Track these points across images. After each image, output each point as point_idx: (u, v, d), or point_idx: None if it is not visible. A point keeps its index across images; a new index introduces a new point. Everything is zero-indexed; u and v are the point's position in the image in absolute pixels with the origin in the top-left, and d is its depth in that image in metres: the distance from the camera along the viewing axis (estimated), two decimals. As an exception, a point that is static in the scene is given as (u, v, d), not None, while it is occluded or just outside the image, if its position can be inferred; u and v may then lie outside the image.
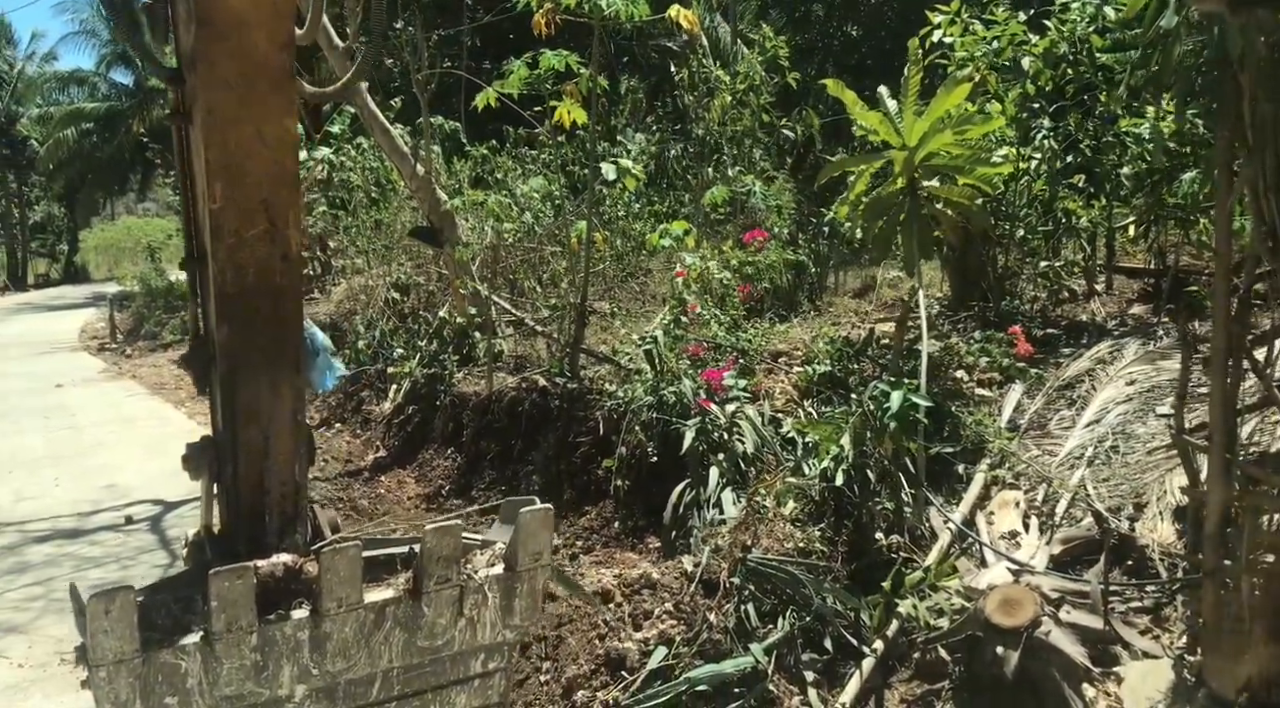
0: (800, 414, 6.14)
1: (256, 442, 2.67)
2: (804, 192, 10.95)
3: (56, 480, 9.98)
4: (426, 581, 2.54)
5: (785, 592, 4.22)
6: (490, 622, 2.67)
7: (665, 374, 6.82)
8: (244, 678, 2.36)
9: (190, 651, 2.30)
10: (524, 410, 8.46)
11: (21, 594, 6.78)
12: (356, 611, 2.47)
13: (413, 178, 9.89)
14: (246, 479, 2.68)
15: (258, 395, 2.65)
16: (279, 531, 2.71)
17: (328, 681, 2.48)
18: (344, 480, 9.25)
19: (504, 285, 10.69)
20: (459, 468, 8.81)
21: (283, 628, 2.40)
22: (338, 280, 15.68)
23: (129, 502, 8.98)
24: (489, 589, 2.64)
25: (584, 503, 7.24)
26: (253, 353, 2.64)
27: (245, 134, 2.53)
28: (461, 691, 2.70)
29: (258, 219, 2.57)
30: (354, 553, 2.42)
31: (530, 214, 10.93)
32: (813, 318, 8.76)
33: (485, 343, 9.61)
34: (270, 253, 2.61)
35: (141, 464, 10.53)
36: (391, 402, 10.99)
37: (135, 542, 7.87)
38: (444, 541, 2.52)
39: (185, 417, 13.56)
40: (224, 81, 2.50)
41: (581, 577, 5.85)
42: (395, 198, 13.91)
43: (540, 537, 2.69)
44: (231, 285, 2.58)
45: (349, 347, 12.93)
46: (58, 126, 40.17)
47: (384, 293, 13.10)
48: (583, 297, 8.56)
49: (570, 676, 3.89)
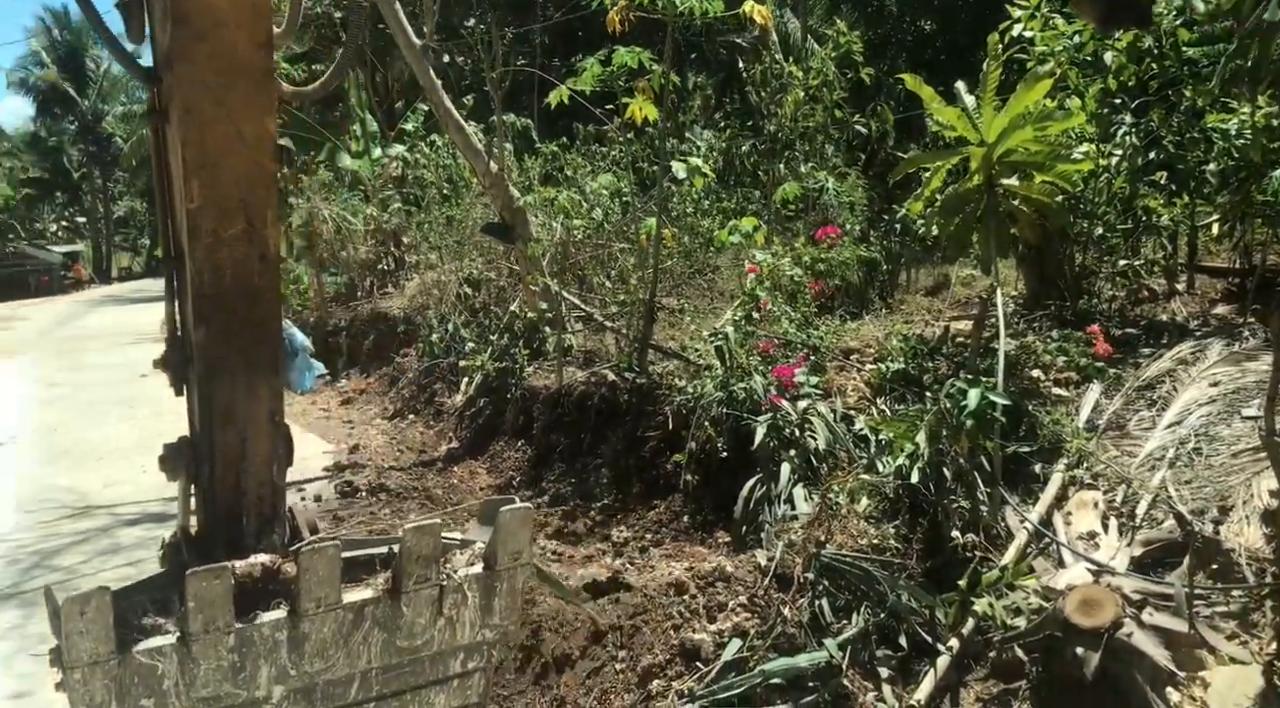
0: (873, 412, 6.12)
1: (234, 443, 2.65)
2: (875, 188, 10.87)
3: (143, 468, 10.32)
4: (405, 580, 2.51)
5: (859, 588, 4.23)
6: (470, 621, 2.65)
7: (735, 370, 6.84)
8: (221, 679, 2.33)
9: (166, 652, 2.27)
10: (593, 404, 8.55)
11: (114, 574, 7.04)
12: (335, 611, 2.44)
13: (486, 175, 10.03)
14: (224, 480, 2.66)
15: (235, 396, 2.63)
16: (256, 531, 2.69)
17: (306, 681, 2.46)
18: (418, 470, 9.45)
19: (573, 281, 10.79)
20: (529, 460, 8.94)
21: (260, 629, 2.37)
22: (410, 275, 15.95)
23: (212, 488, 9.27)
24: (468, 589, 2.62)
25: (653, 497, 7.30)
26: (230, 354, 2.62)
27: (223, 133, 2.51)
28: (440, 691, 2.69)
29: (235, 219, 2.55)
30: (332, 553, 2.39)
31: (599, 211, 11.03)
32: (884, 315, 8.70)
33: (555, 338, 9.72)
34: (248, 253, 2.58)
35: (223, 452, 10.87)
36: (463, 394, 11.17)
37: (218, 527, 8.13)
38: (423, 540, 2.50)
39: (263, 407, 13.95)
40: (202, 81, 2.48)
41: (651, 570, 5.92)
42: (467, 195, 14.11)
43: (520, 536, 2.66)
44: (209, 286, 2.56)
45: (422, 340, 13.19)
46: (140, 124, 41.48)
47: (455, 288, 13.32)
48: (651, 293, 8.61)
49: (645, 665, 3.94)
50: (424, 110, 17.76)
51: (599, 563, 6.32)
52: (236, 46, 2.48)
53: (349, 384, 14.66)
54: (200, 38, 2.44)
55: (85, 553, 7.63)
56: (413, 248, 16.05)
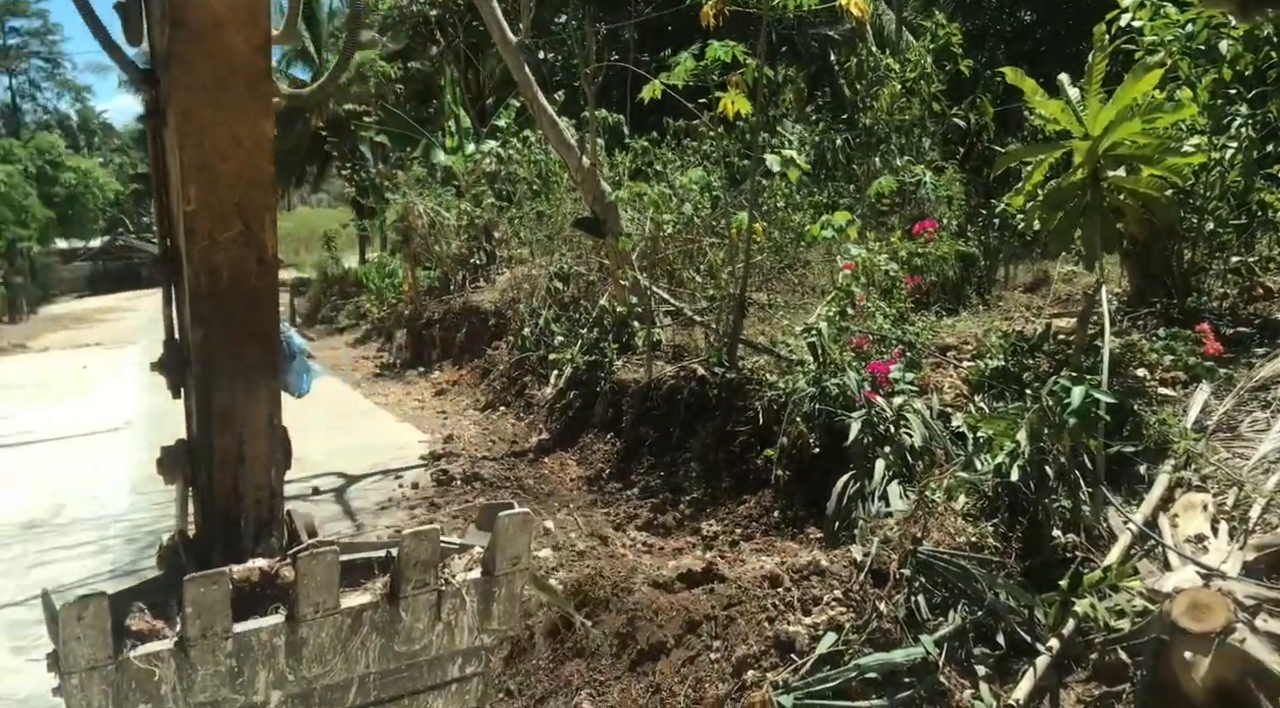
0: (970, 409, 6.04)
1: (231, 446, 2.62)
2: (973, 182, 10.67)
3: (246, 452, 10.75)
4: (404, 585, 2.49)
5: (956, 586, 4.19)
6: (468, 627, 2.62)
7: (828, 366, 6.82)
8: (219, 684, 2.30)
9: (164, 657, 2.24)
10: (682, 399, 8.60)
11: (224, 555, 7.36)
12: (333, 616, 2.42)
13: (578, 170, 10.15)
14: (221, 484, 2.63)
15: (233, 399, 2.60)
16: (254, 535, 2.67)
17: (303, 686, 2.44)
18: (510, 460, 9.62)
19: (663, 276, 10.85)
20: (618, 453, 9.03)
21: (258, 634, 2.34)
22: (501, 270, 16.23)
23: (315, 474, 9.59)
24: (467, 594, 2.59)
25: (743, 491, 7.32)
26: (228, 357, 2.59)
27: (220, 136, 2.49)
28: (438, 696, 2.68)
29: (232, 221, 2.53)
30: (331, 558, 2.37)
31: (689, 205, 11.07)
32: (982, 312, 8.55)
33: (644, 332, 9.79)
34: (245, 255, 2.56)
35: (325, 440, 11.22)
36: (553, 387, 11.33)
37: (322, 511, 8.41)
38: (421, 545, 2.48)
39: (362, 397, 14.39)
40: (199, 83, 2.46)
41: (742, 564, 5.94)
42: (558, 189, 14.28)
43: (519, 541, 2.63)
44: (206, 288, 2.54)
45: (512, 333, 13.42)
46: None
47: (546, 282, 13.51)
48: (742, 287, 8.62)
49: (740, 655, 3.98)
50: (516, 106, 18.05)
51: (689, 555, 6.37)
52: (234, 49, 2.46)
53: (441, 376, 15.00)
54: (197, 40, 2.43)
55: (196, 533, 7.96)
56: (504, 242, 16.33)
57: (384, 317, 19.63)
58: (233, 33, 2.44)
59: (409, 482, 9.09)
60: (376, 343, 19.44)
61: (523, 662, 4.73)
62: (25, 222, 28.11)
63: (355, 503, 8.57)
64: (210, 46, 2.43)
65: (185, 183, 2.48)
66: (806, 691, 3.77)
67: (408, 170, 18.92)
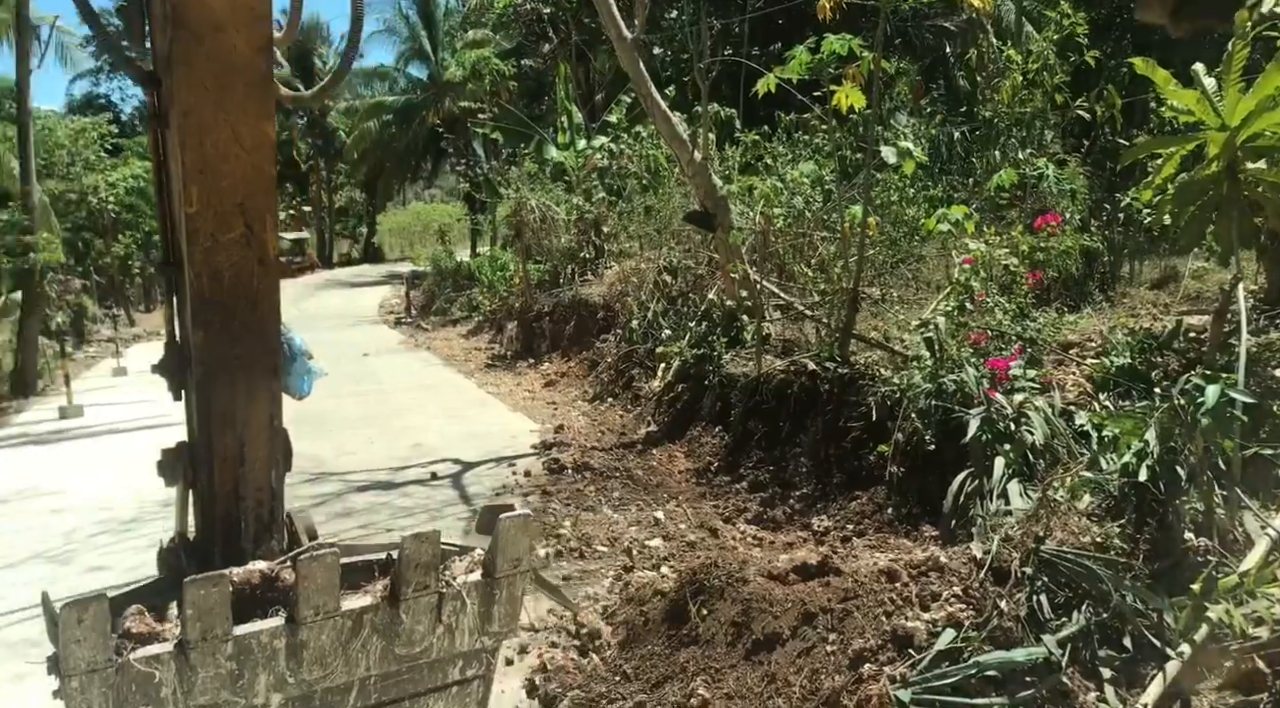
0: (1095, 407, 5.88)
1: (232, 448, 2.62)
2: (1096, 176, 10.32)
3: (371, 439, 11.18)
4: (404, 588, 2.47)
5: (1081, 586, 4.10)
6: (469, 629, 2.60)
7: (945, 362, 6.72)
8: (219, 687, 2.29)
9: (164, 660, 2.23)
10: (792, 393, 8.58)
11: (350, 536, 7.64)
12: (334, 618, 2.40)
13: (690, 163, 10.20)
14: (222, 485, 2.64)
15: (234, 401, 2.61)
16: (254, 537, 2.67)
17: (304, 689, 2.42)
18: (619, 451, 9.76)
19: (773, 270, 10.83)
20: (727, 446, 9.07)
21: (258, 636, 2.32)
22: (610, 263, 16.42)
23: (433, 460, 9.92)
24: (467, 596, 2.58)
25: (854, 487, 7.28)
26: (228, 358, 2.60)
27: (222, 137, 2.49)
28: (439, 698, 2.66)
29: (234, 223, 2.54)
30: (331, 560, 2.35)
31: (800, 199, 11.01)
32: (1106, 309, 8.29)
33: (754, 326, 9.80)
34: (246, 257, 2.57)
35: (442, 427, 11.60)
36: (660, 380, 11.43)
37: (440, 496, 8.70)
38: (422, 547, 2.47)
39: (476, 386, 14.77)
40: (201, 84, 2.46)
41: (855, 560, 5.92)
42: (667, 183, 14.37)
43: (519, 543, 2.62)
44: (207, 290, 2.54)
45: (620, 326, 13.58)
46: (362, 118, 44.41)
47: (654, 276, 13.62)
48: (855, 282, 8.55)
49: (857, 648, 3.98)
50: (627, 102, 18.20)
51: (801, 550, 6.38)
52: (235, 50, 2.47)
53: (551, 367, 15.28)
54: (199, 41, 2.43)
55: (323, 515, 8.31)
56: (612, 237, 16.51)
57: (495, 309, 20.07)
58: (234, 34, 2.46)
59: (522, 470, 9.30)
60: (488, 334, 19.90)
61: (638, 647, 4.83)
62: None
63: (471, 489, 8.83)
64: (212, 48, 2.44)
65: (187, 184, 2.49)
66: (924, 686, 3.75)
67: (520, 166, 19.29)
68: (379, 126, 43.42)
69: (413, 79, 44.78)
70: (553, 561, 6.79)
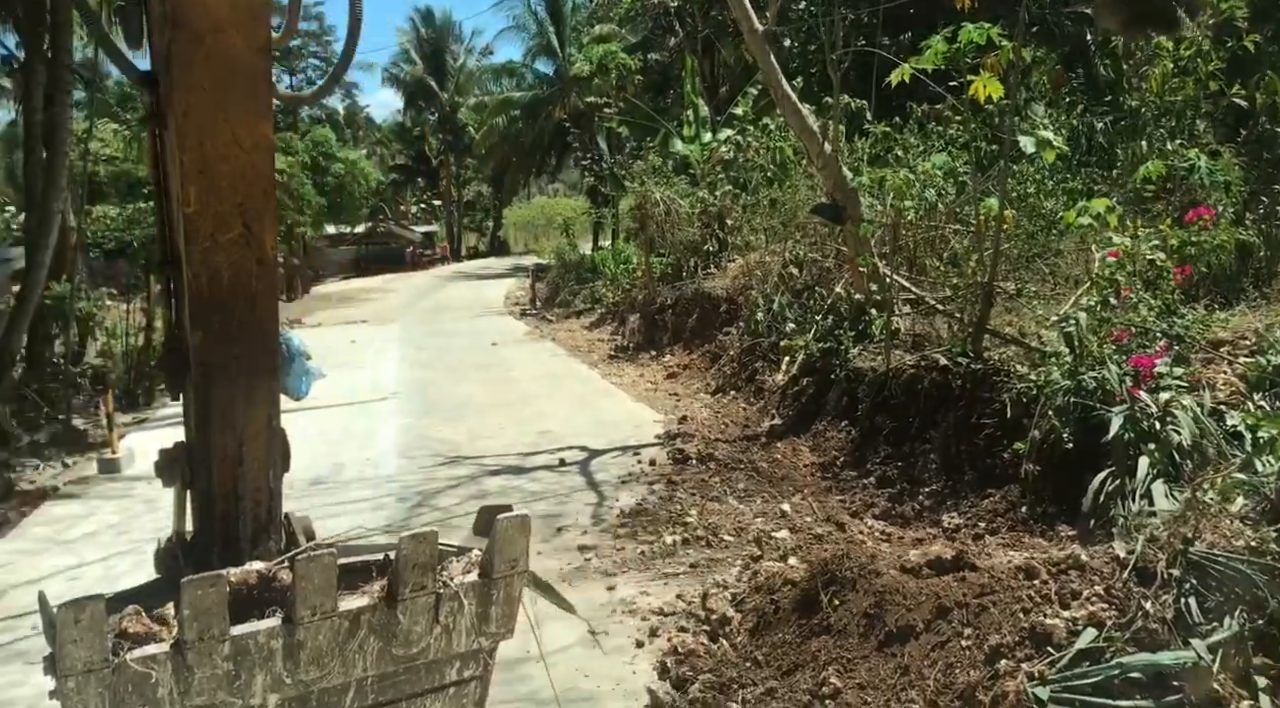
0: (1249, 408, 5.63)
1: (230, 448, 2.61)
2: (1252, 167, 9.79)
3: (501, 425, 11.53)
4: (402, 588, 2.46)
5: (1233, 591, 3.96)
6: (466, 630, 2.59)
7: (1085, 358, 6.54)
8: (216, 687, 2.28)
9: (161, 660, 2.22)
10: (922, 389, 8.47)
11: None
12: (331, 619, 2.38)
13: (819, 155, 10.15)
14: (220, 486, 2.63)
15: (232, 401, 2.61)
16: (252, 538, 2.67)
17: (301, 689, 2.41)
18: (743, 443, 9.81)
19: (902, 263, 10.68)
20: (853, 441, 9.02)
21: (256, 637, 2.32)
22: (733, 256, 16.44)
23: (560, 447, 10.17)
24: (465, 597, 2.56)
25: (986, 485, 7.16)
26: (227, 358, 2.59)
27: (221, 138, 2.49)
28: (436, 699, 2.65)
29: (232, 223, 2.53)
30: (329, 561, 2.34)
31: (932, 191, 10.81)
32: (1261, 306, 7.89)
33: (883, 320, 9.69)
34: (245, 257, 2.56)
35: (568, 415, 11.87)
36: (785, 373, 11.42)
37: (568, 482, 8.93)
38: (420, 548, 2.46)
39: (599, 377, 15.03)
40: (200, 84, 2.46)
41: (988, 557, 5.83)
42: (794, 175, 14.30)
43: (517, 544, 2.60)
44: (206, 290, 2.54)
45: (744, 319, 13.60)
46: (490, 114, 45.56)
47: (779, 268, 13.59)
48: (989, 276, 8.37)
49: (993, 644, 3.94)
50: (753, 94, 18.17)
51: (930, 546, 6.32)
52: (234, 50, 2.47)
53: (673, 359, 15.42)
54: (198, 41, 2.43)
55: (458, 496, 8.66)
56: (736, 229, 16.53)
57: (618, 302, 20.34)
58: (234, 34, 2.46)
59: (647, 459, 9.46)
60: (610, 326, 20.19)
61: (769, 634, 4.89)
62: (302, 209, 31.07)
63: (598, 476, 9.03)
64: (211, 48, 2.44)
65: (185, 185, 2.49)
66: (1064, 685, 3.70)
67: (645, 160, 19.48)
68: (506, 122, 44.42)
69: (539, 75, 45.67)
70: (679, 548, 6.90)
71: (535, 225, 55.99)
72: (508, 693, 4.96)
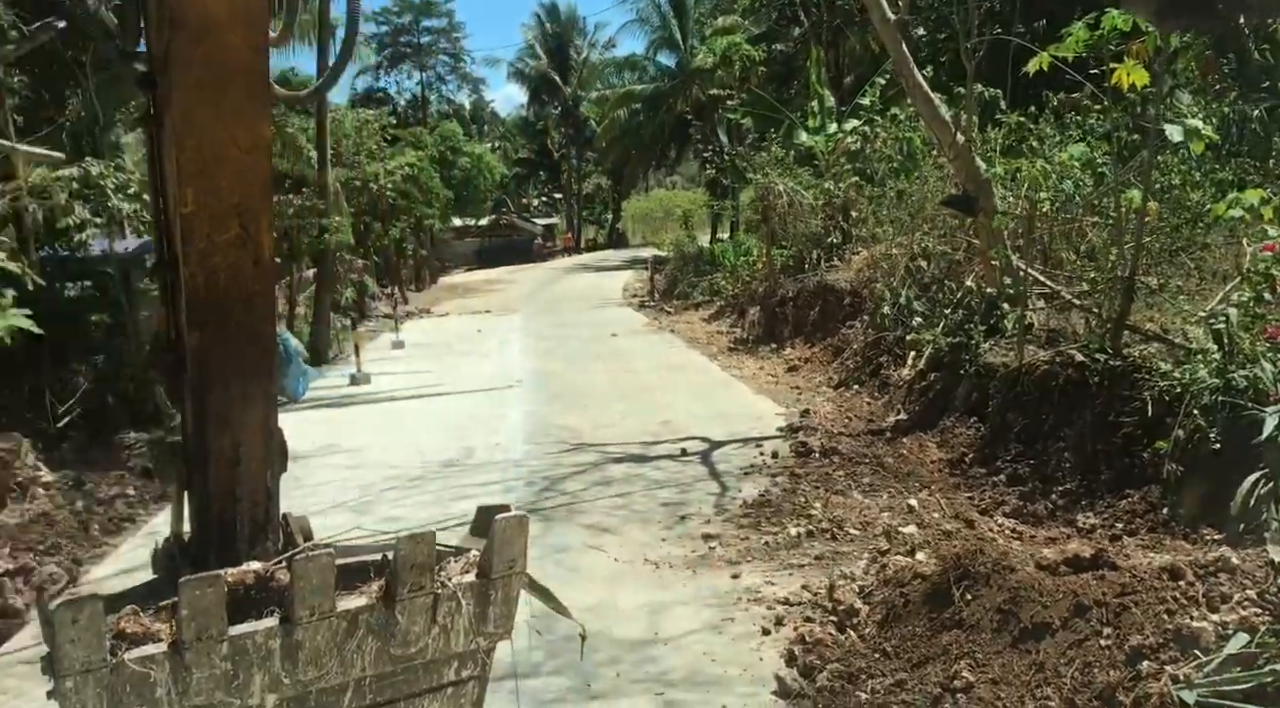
0: None
1: (227, 449, 2.60)
2: None
3: (622, 414, 11.72)
4: (400, 588, 2.45)
5: (1402, 602, 3.79)
6: (464, 630, 2.57)
7: (1236, 356, 6.27)
8: (214, 688, 2.27)
9: (159, 660, 2.21)
10: (1057, 385, 8.24)
11: (609, 503, 8.14)
12: (329, 619, 2.38)
13: (951, 146, 9.95)
14: (217, 487, 2.62)
15: (229, 402, 2.59)
16: (250, 538, 2.65)
17: (299, 689, 2.41)
18: (867, 438, 9.73)
19: (1037, 256, 10.39)
20: (982, 437, 8.84)
21: (254, 637, 2.31)
22: (857, 249, 16.24)
23: (681, 437, 10.28)
24: (463, 597, 2.54)
25: (1124, 485, 6.95)
26: (224, 359, 2.58)
27: (218, 138, 2.48)
28: (435, 699, 2.64)
29: (229, 224, 2.51)
30: (327, 561, 2.34)
31: (1070, 183, 10.47)
32: None
33: (1016, 314, 9.45)
34: (242, 258, 2.54)
35: (688, 406, 11.98)
36: (911, 367, 11.25)
37: (691, 471, 9.03)
38: (418, 548, 2.44)
39: (719, 368, 15.09)
40: (197, 84, 2.44)
41: (1127, 558, 5.67)
42: (924, 166, 14.04)
43: (515, 544, 2.58)
44: (203, 291, 2.52)
45: (868, 313, 13.44)
46: (612, 107, 45.99)
47: (905, 261, 13.37)
48: (1131, 270, 8.08)
49: (1135, 645, 3.86)
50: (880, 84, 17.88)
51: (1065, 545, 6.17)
52: (232, 50, 2.45)
53: (793, 353, 15.35)
54: (196, 41, 2.42)
55: (583, 482, 8.86)
56: (861, 221, 16.31)
57: (738, 293, 20.33)
58: (231, 34, 2.45)
59: (769, 451, 9.47)
60: (729, 318, 20.21)
61: (898, 627, 4.88)
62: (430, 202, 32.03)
63: (720, 466, 9.10)
64: (209, 48, 2.43)
65: (182, 185, 2.47)
66: (1213, 689, 3.61)
67: (768, 151, 19.40)
68: (627, 115, 44.79)
69: (661, 67, 45.88)
70: (804, 540, 6.92)
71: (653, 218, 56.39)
72: (637, 673, 5.10)
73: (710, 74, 28.88)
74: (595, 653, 5.28)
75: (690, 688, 4.89)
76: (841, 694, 4.51)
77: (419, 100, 59.27)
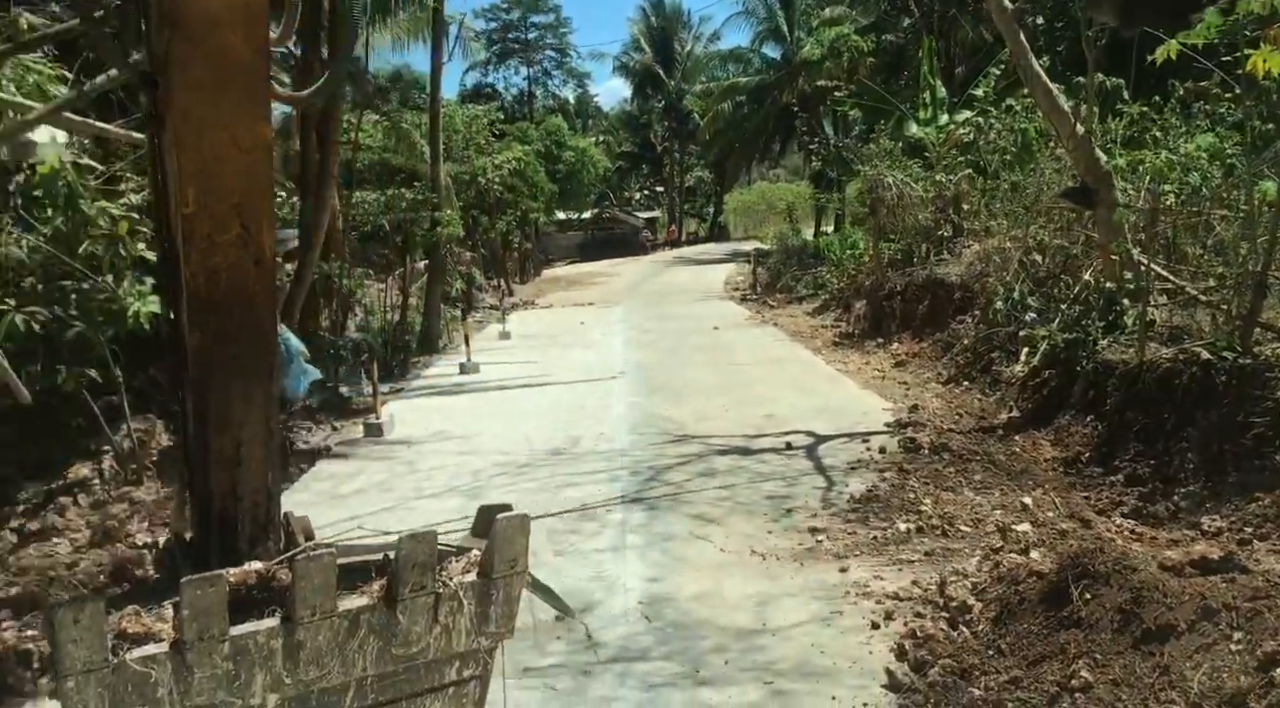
0: None
1: (228, 449, 2.62)
2: None
3: (725, 407, 11.74)
4: (401, 588, 2.45)
5: None
6: (465, 629, 2.58)
7: (1379, 356, 5.96)
8: (216, 687, 2.28)
9: (161, 660, 2.22)
10: (1180, 384, 7.96)
11: (713, 495, 8.18)
12: (331, 619, 2.39)
13: (1070, 137, 9.66)
14: (218, 486, 2.63)
15: (230, 402, 2.61)
16: (251, 538, 2.67)
17: (300, 689, 2.41)
18: (978, 435, 9.55)
19: (1159, 251, 10.02)
20: (1099, 437, 8.59)
21: (255, 637, 2.32)
22: (968, 242, 15.90)
23: (785, 431, 10.25)
24: (464, 596, 2.55)
25: (1253, 488, 6.70)
26: (225, 359, 2.59)
27: (219, 138, 2.49)
28: (436, 699, 2.64)
29: (230, 224, 2.53)
30: (328, 560, 2.34)
31: (1196, 175, 10.07)
32: None
33: (1137, 311, 9.15)
34: (243, 258, 2.56)
35: (792, 399, 11.93)
36: (1024, 364, 10.99)
37: (796, 465, 9.01)
38: (419, 548, 2.45)
39: (824, 363, 14.97)
40: (198, 84, 2.45)
41: (1258, 563, 5.46)
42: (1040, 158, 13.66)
43: (516, 543, 2.58)
44: (204, 291, 2.54)
45: (980, 308, 13.15)
46: (716, 100, 45.94)
47: (1019, 255, 13.03)
48: (1264, 265, 7.76)
49: (1268, 650, 3.73)
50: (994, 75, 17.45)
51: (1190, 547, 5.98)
52: (232, 50, 2.47)
53: (901, 347, 15.12)
54: (196, 41, 2.43)
55: (687, 473, 8.92)
56: (973, 214, 15.96)
57: (843, 287, 20.11)
58: (232, 34, 2.46)
59: (875, 447, 9.38)
60: (834, 312, 20.00)
61: (1012, 624, 4.82)
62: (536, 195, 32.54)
63: (826, 461, 9.05)
64: (210, 48, 2.45)
65: (183, 185, 2.49)
66: (1351, 699, 3.48)
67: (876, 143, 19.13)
68: (731, 108, 44.68)
69: (767, 59, 45.62)
70: (913, 536, 6.85)
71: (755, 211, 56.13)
72: (745, 662, 5.15)
73: (817, 66, 28.56)
74: (702, 641, 5.35)
75: (799, 678, 4.91)
76: (954, 690, 4.48)
77: (525, 95, 60.21)
